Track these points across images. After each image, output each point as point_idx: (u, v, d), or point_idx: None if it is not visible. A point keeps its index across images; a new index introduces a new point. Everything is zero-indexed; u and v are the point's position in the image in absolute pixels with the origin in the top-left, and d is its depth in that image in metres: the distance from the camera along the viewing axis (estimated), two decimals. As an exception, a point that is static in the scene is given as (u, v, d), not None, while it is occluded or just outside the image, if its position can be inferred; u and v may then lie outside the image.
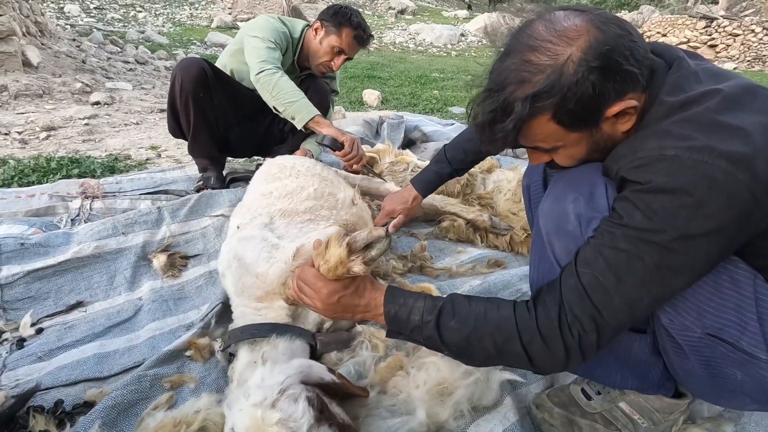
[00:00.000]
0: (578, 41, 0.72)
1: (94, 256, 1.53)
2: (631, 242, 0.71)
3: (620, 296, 0.72)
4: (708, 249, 0.69)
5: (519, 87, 0.74)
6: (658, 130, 0.73)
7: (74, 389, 1.06)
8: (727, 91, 0.70)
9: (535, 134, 0.80)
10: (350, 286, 0.90)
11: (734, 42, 15.79)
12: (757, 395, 0.82)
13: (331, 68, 2.14)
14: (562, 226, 0.86)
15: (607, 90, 0.73)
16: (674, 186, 0.67)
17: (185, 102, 2.01)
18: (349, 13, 2.05)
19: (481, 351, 0.81)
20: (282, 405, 0.82)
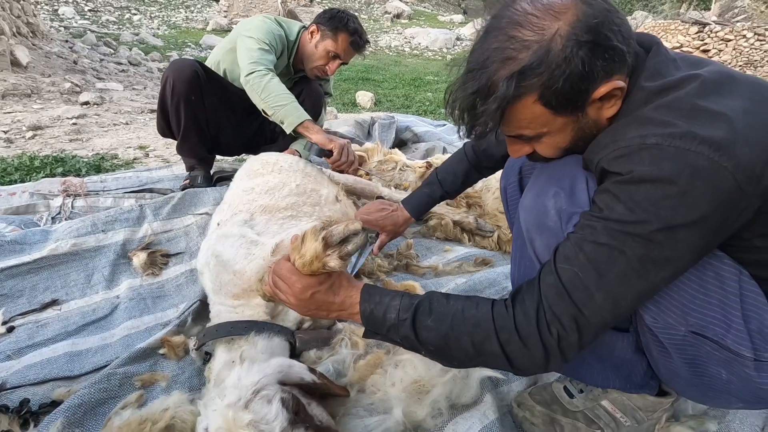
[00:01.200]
0: (566, 15, 0.68)
1: (72, 253, 1.50)
2: (613, 236, 0.67)
3: (602, 293, 0.68)
4: (693, 240, 0.66)
5: (503, 65, 0.69)
6: (638, 117, 0.70)
7: (42, 388, 1.03)
8: (706, 77, 0.68)
9: (519, 119, 0.75)
10: (325, 282, 0.86)
11: (726, 47, 15.95)
12: (744, 395, 0.79)
13: (325, 72, 2.11)
14: (542, 221, 0.83)
15: (596, 68, 0.69)
16: (657, 175, 0.64)
17: (176, 104, 1.98)
18: (346, 18, 2.02)
19: (459, 351, 0.77)
20: (255, 406, 0.79)
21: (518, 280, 1.00)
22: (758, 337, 0.73)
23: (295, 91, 2.22)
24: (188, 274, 1.56)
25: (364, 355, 1.11)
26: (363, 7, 25.16)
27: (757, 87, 0.68)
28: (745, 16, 24.58)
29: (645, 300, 0.75)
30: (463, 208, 2.09)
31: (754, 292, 0.73)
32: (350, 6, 24.46)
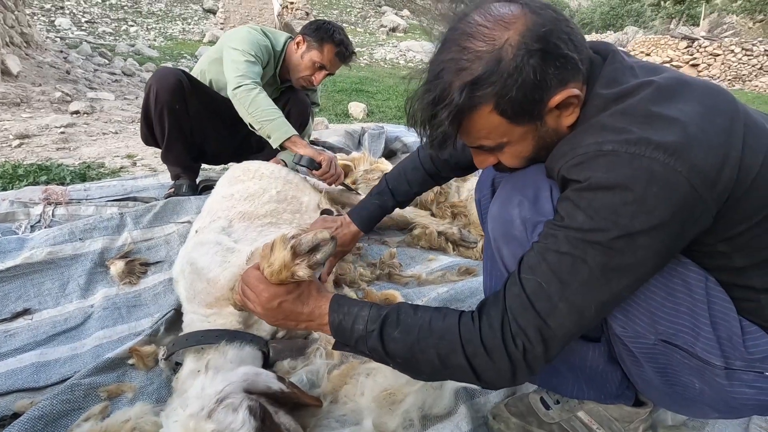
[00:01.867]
0: (515, 25, 0.69)
1: (47, 262, 1.47)
2: (574, 244, 0.67)
3: (565, 303, 0.67)
4: (653, 247, 0.66)
5: (457, 75, 0.70)
6: (595, 124, 0.70)
7: (5, 400, 1.00)
8: (660, 83, 0.68)
9: (478, 129, 0.75)
10: (293, 292, 0.84)
11: (715, 61, 16.28)
12: (718, 404, 0.78)
13: (311, 83, 2.12)
14: (508, 231, 0.83)
15: (548, 76, 0.69)
16: (614, 182, 0.64)
17: (160, 113, 1.97)
18: (332, 29, 2.03)
19: (426, 364, 0.75)
20: (218, 416, 0.77)
21: (490, 289, 1.00)
22: (728, 345, 0.72)
23: (282, 101, 2.22)
24: (166, 283, 1.54)
25: (338, 365, 1.09)
26: (359, 20, 25.49)
27: (710, 92, 0.68)
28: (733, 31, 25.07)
29: (610, 309, 0.74)
30: (448, 218, 2.08)
31: (722, 299, 0.72)
32: (346, 19, 24.77)
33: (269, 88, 2.20)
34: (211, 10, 19.65)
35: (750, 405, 0.75)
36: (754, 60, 15.77)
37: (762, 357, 0.71)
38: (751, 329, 0.72)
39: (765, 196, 0.66)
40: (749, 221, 0.67)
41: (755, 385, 0.72)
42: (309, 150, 1.78)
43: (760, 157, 0.64)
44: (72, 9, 15.44)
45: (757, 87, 14.93)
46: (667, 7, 35.62)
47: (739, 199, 0.65)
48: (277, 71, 2.16)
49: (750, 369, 0.72)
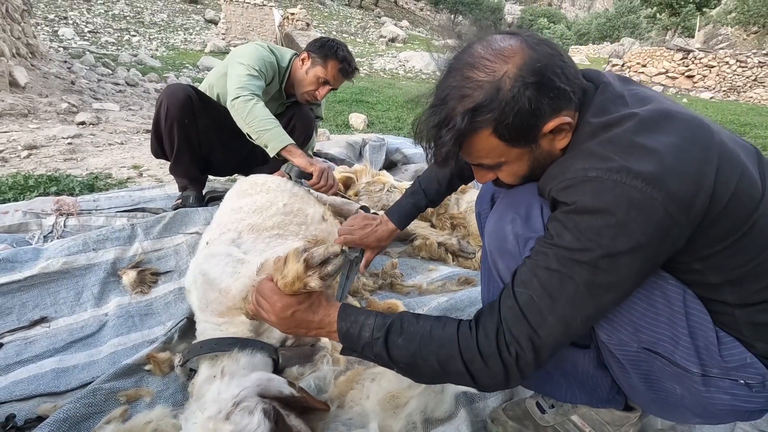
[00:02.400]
0: (513, 59, 0.76)
1: (62, 272, 1.53)
2: (562, 262, 0.73)
3: (554, 316, 0.73)
4: (632, 265, 0.72)
5: (460, 102, 0.77)
6: (584, 150, 0.77)
7: (28, 404, 1.05)
8: (642, 115, 0.74)
9: (477, 150, 0.83)
10: (305, 302, 0.90)
11: (710, 73, 16.48)
12: (697, 409, 0.84)
13: (315, 97, 2.19)
14: (503, 245, 0.89)
15: (542, 105, 0.76)
16: (598, 206, 0.71)
17: (170, 127, 2.05)
18: (336, 46, 2.12)
19: (427, 368, 0.82)
20: (235, 418, 0.82)
21: (487, 299, 1.06)
22: (705, 353, 0.78)
23: (287, 115, 2.30)
24: (177, 293, 1.59)
25: (344, 371, 1.15)
26: (358, 30, 25.78)
27: (689, 125, 0.74)
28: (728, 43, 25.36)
29: (595, 320, 0.80)
30: (447, 229, 2.15)
31: (699, 310, 0.78)
32: (346, 30, 25.06)
33: (275, 102, 2.28)
34: (213, 20, 19.90)
35: (726, 410, 0.80)
36: (749, 71, 15.97)
37: (736, 366, 0.77)
38: (727, 339, 0.78)
39: (735, 222, 0.72)
40: (720, 244, 0.73)
41: (731, 392, 0.78)
42: (303, 159, 1.82)
43: (732, 186, 0.71)
44: (75, 19, 15.64)
45: (752, 98, 15.10)
46: (663, 19, 36.11)
47: (712, 223, 0.71)
48: (282, 86, 2.24)
49: (725, 377, 0.78)
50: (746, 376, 0.77)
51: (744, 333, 0.78)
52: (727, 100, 15.08)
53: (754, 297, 0.76)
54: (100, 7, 17.97)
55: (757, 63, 15.88)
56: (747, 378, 0.77)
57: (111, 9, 18.06)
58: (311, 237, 1.50)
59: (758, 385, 0.77)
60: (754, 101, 14.89)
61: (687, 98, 14.33)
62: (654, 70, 17.14)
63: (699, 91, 16.18)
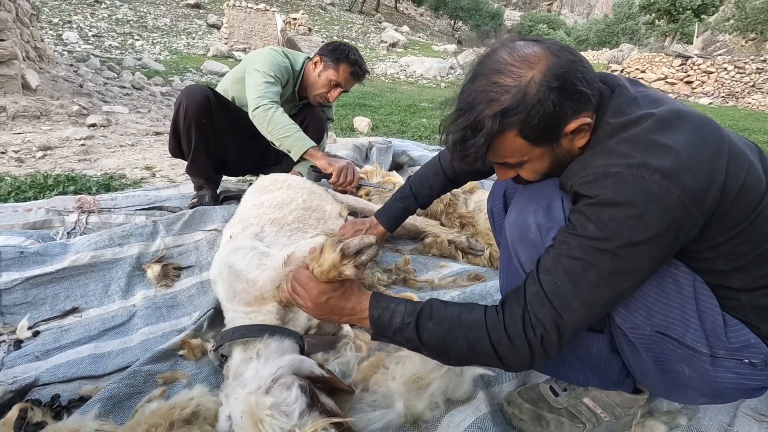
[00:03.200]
0: (538, 65, 0.81)
1: (90, 265, 1.59)
2: (585, 251, 0.79)
3: (577, 300, 0.79)
4: (650, 254, 0.78)
5: (488, 106, 0.82)
6: (604, 148, 0.83)
7: (70, 386, 1.11)
8: (659, 115, 0.80)
9: (503, 149, 0.88)
10: (339, 289, 0.96)
11: (709, 79, 16.64)
12: (704, 389, 0.90)
13: (327, 100, 2.26)
14: (525, 235, 0.95)
15: (565, 108, 0.82)
16: (619, 199, 0.76)
17: (188, 127, 2.12)
18: (347, 50, 2.20)
19: (456, 351, 0.87)
20: (275, 392, 0.89)
21: (506, 288, 1.12)
22: (713, 336, 0.84)
23: (300, 116, 2.37)
24: (199, 286, 1.66)
25: (367, 357, 1.21)
26: (360, 36, 25.97)
27: (701, 124, 0.80)
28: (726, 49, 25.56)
29: (614, 305, 0.87)
30: (456, 228, 2.21)
31: (708, 296, 0.84)
32: (348, 35, 25.24)
33: (288, 104, 2.35)
34: (216, 25, 20.06)
35: (732, 388, 0.87)
36: (747, 78, 16.14)
37: (741, 346, 0.84)
38: (732, 322, 0.85)
39: (743, 213, 0.78)
40: (730, 232, 0.79)
41: (736, 371, 0.85)
42: (323, 161, 1.93)
43: (740, 180, 0.77)
44: (79, 23, 15.76)
45: (750, 104, 15.25)
46: (661, 25, 36.41)
47: (722, 215, 0.77)
48: (296, 89, 2.32)
49: (731, 357, 0.84)
50: (750, 356, 0.83)
51: (749, 316, 0.84)
52: (726, 105, 15.22)
53: (759, 282, 0.82)
54: (104, 11, 18.13)
55: (755, 69, 16.05)
56: (751, 357, 0.83)
57: (114, 13, 18.21)
58: (329, 231, 1.57)
59: (761, 363, 0.83)
60: (753, 107, 15.04)
61: (686, 104, 14.46)
62: (653, 76, 17.31)
63: (698, 97, 16.33)
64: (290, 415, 0.83)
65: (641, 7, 38.12)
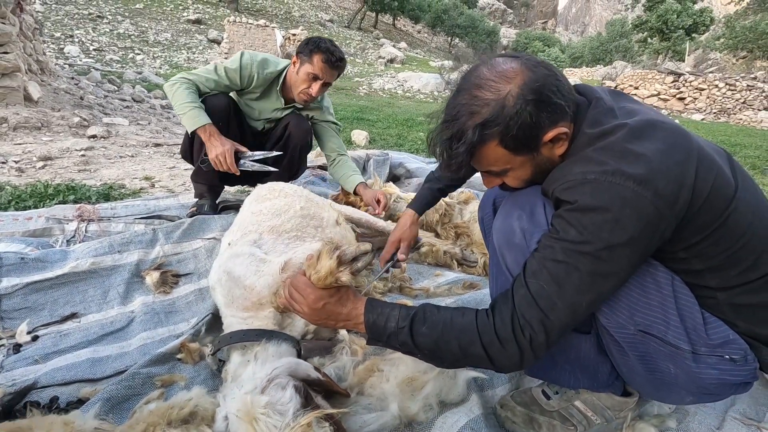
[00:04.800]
0: (515, 80, 0.87)
1: (90, 271, 1.61)
2: (567, 254, 0.82)
3: (562, 301, 0.82)
4: (628, 255, 0.82)
5: (470, 118, 0.88)
6: (582, 156, 0.88)
7: (68, 388, 1.12)
8: (632, 125, 0.86)
9: (486, 158, 0.94)
10: (335, 295, 0.98)
11: (700, 95, 16.95)
12: (689, 387, 0.93)
13: (310, 95, 2.23)
14: (510, 239, 1.00)
15: (541, 119, 0.87)
16: (597, 204, 0.81)
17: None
18: (318, 40, 2.19)
19: (449, 353, 0.90)
20: (270, 391, 0.91)
21: (496, 292, 1.16)
22: (693, 333, 0.88)
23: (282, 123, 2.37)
24: (197, 293, 1.68)
25: (362, 361, 1.23)
26: (358, 51, 26.36)
27: (671, 133, 0.85)
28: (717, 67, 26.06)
29: (598, 305, 0.90)
30: (451, 238, 2.25)
31: (686, 294, 0.88)
32: (346, 51, 25.60)
33: (272, 106, 2.34)
34: (216, 40, 20.34)
35: (715, 384, 0.89)
36: (738, 94, 16.46)
37: (721, 342, 0.87)
38: (711, 320, 0.88)
39: (714, 214, 0.83)
40: (702, 233, 0.83)
41: (718, 367, 0.88)
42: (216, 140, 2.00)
43: (709, 184, 0.82)
44: (81, 38, 15.96)
45: (741, 120, 15.51)
46: (654, 43, 37.16)
47: (694, 216, 0.82)
48: (279, 90, 2.29)
49: (712, 353, 0.87)
50: (730, 352, 0.87)
51: (727, 314, 0.88)
52: (718, 121, 15.47)
53: (733, 281, 0.86)
54: (106, 26, 18.38)
55: (746, 86, 16.37)
56: (731, 353, 0.87)
57: (116, 28, 18.46)
58: (327, 239, 1.60)
59: (741, 359, 0.87)
60: (744, 123, 15.29)
61: (679, 119, 14.69)
62: (646, 92, 17.61)
63: (690, 113, 16.60)
64: (284, 414, 0.85)
65: (634, 25, 39.01)
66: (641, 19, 37.08)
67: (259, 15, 27.33)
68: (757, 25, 25.20)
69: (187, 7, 25.26)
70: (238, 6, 28.36)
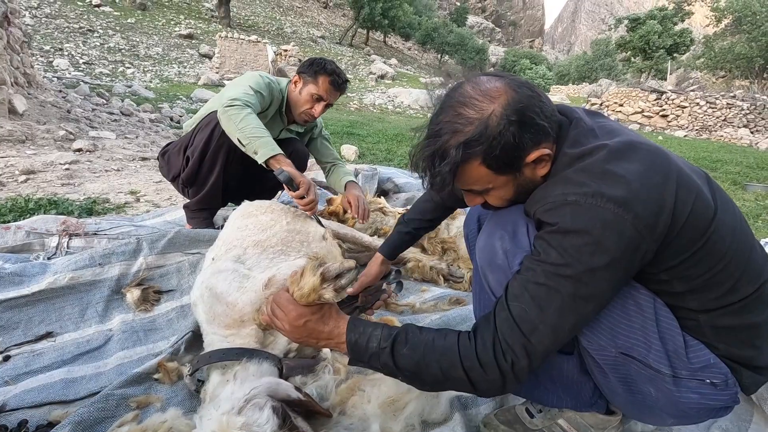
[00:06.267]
0: (499, 99, 0.86)
1: (68, 287, 1.57)
2: (549, 277, 0.81)
3: (544, 324, 0.81)
4: (609, 278, 0.81)
5: (453, 136, 0.87)
6: (562, 177, 0.88)
7: (39, 411, 1.09)
8: (612, 146, 0.86)
9: (468, 177, 0.93)
10: (317, 313, 0.96)
11: (682, 113, 17.40)
12: (670, 410, 0.92)
13: (312, 115, 2.24)
14: (493, 260, 0.99)
15: (524, 140, 0.87)
16: (577, 227, 0.80)
17: (218, 148, 2.05)
18: (324, 62, 2.20)
19: (430, 376, 0.88)
20: (247, 412, 0.89)
21: (479, 312, 1.15)
22: (674, 356, 0.87)
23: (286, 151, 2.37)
24: (179, 310, 1.64)
25: (345, 380, 1.21)
26: (349, 67, 26.65)
27: (651, 154, 0.86)
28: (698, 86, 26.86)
29: (580, 328, 0.89)
30: (438, 254, 2.25)
31: (668, 317, 0.88)
32: (337, 66, 25.81)
33: (276, 126, 2.32)
34: (207, 54, 20.42)
35: (696, 409, 0.89)
36: (718, 112, 16.93)
37: (702, 366, 0.87)
38: (693, 343, 0.88)
39: (693, 236, 0.82)
40: (682, 255, 0.83)
41: (698, 391, 0.87)
42: (292, 169, 1.83)
43: (689, 206, 0.82)
44: (71, 51, 15.91)
45: (722, 137, 15.92)
46: (637, 62, 38.24)
47: (674, 238, 0.81)
48: (282, 110, 2.30)
49: (693, 377, 0.87)
50: (711, 376, 0.86)
51: (708, 336, 0.88)
52: (700, 138, 15.86)
53: (714, 303, 0.86)
54: (96, 40, 18.35)
55: (726, 104, 16.86)
56: (712, 377, 0.86)
57: (107, 42, 18.45)
58: (312, 254, 1.58)
59: (722, 383, 0.86)
60: (724, 139, 15.69)
61: (662, 136, 15.03)
62: (630, 110, 18.03)
63: (673, 130, 17.01)
64: (261, 436, 0.83)
65: (617, 45, 40.18)
66: (624, 39, 38.23)
67: (251, 31, 27.57)
68: (734, 47, 26.11)
69: (179, 23, 25.40)
70: (230, 22, 28.59)
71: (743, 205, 5.31)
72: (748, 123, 16.62)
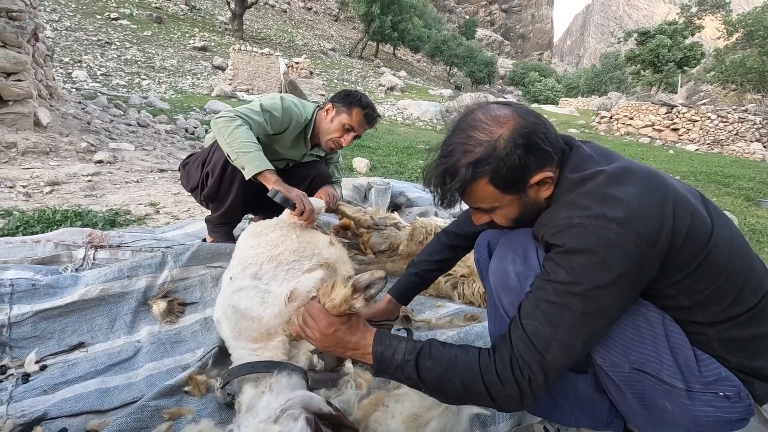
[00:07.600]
0: (507, 125, 0.94)
1: (99, 299, 1.64)
2: (559, 295, 0.87)
3: (557, 341, 0.86)
4: (616, 294, 0.86)
5: (464, 156, 0.94)
6: (566, 201, 0.94)
7: (77, 420, 1.14)
8: (609, 171, 0.92)
9: (476, 195, 0.99)
10: (346, 323, 1.03)
11: (694, 126, 17.31)
12: (688, 424, 0.95)
13: (340, 144, 2.29)
14: (505, 282, 1.04)
15: (529, 162, 0.94)
16: (584, 247, 0.86)
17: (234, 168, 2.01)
18: (359, 95, 2.29)
19: (452, 390, 0.93)
20: (283, 421, 0.93)
21: (494, 332, 1.19)
22: (687, 371, 0.91)
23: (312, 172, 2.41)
24: (202, 322, 1.70)
25: (367, 395, 1.25)
26: (359, 79, 26.97)
27: (646, 176, 0.92)
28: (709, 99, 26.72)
29: (592, 344, 0.94)
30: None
31: (677, 332, 0.92)
32: (347, 78, 26.20)
33: (299, 151, 2.36)
34: (221, 66, 20.83)
35: (712, 422, 0.92)
36: (730, 126, 16.82)
37: (714, 380, 0.90)
38: (703, 357, 0.92)
39: (694, 252, 0.88)
40: (686, 270, 0.88)
41: (713, 404, 0.91)
42: (281, 186, 1.82)
43: (687, 222, 0.88)
44: (89, 63, 16.34)
45: (734, 151, 15.80)
46: (647, 75, 38.17)
47: (676, 254, 0.87)
48: (307, 136, 2.34)
49: (707, 391, 0.91)
50: (724, 389, 0.90)
51: (717, 349, 0.92)
52: (712, 152, 15.75)
53: (720, 315, 0.90)
54: (114, 52, 18.83)
55: (737, 118, 16.74)
56: (725, 390, 0.90)
57: (124, 54, 18.92)
58: (324, 261, 1.62)
59: (735, 396, 0.90)
60: (737, 154, 15.57)
61: (673, 150, 14.95)
62: (640, 123, 17.98)
63: (684, 144, 16.91)
64: (295, 444, 0.87)
65: (627, 58, 40.17)
66: (634, 52, 38.23)
67: (263, 43, 28.11)
68: (745, 60, 26.03)
69: (194, 35, 25.98)
70: (243, 35, 29.18)
71: (757, 221, 5.27)
72: (761, 137, 16.48)
